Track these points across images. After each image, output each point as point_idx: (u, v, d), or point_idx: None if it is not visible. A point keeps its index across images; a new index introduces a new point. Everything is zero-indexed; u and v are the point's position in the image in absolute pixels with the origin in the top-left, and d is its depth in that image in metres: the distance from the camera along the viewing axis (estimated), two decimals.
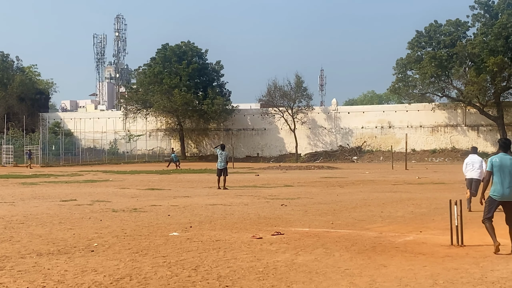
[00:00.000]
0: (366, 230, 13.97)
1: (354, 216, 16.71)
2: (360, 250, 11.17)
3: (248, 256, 10.56)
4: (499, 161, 10.94)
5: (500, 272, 9.22)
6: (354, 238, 12.62)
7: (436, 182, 32.05)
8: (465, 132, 75.40)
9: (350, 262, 10.03)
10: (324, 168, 54.56)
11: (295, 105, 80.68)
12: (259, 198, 22.35)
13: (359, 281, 8.67)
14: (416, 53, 72.97)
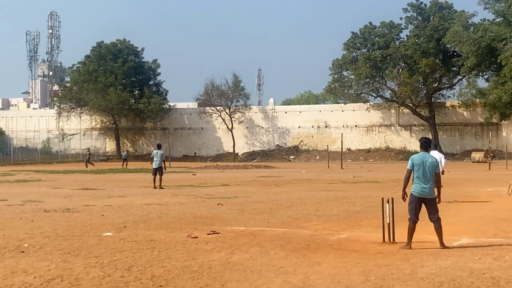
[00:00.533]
0: (301, 228, 14.05)
1: (289, 214, 16.78)
2: (295, 248, 11.24)
3: (183, 255, 10.53)
4: (420, 159, 11.28)
5: (429, 268, 9.41)
6: (289, 237, 12.69)
7: (370, 181, 32.43)
8: (399, 132, 76.79)
9: (285, 260, 10.10)
10: (261, 167, 54.72)
11: (232, 104, 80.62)
12: (195, 198, 22.27)
13: (293, 278, 8.74)
14: (351, 54, 73.87)
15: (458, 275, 8.90)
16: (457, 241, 11.98)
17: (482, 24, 62.29)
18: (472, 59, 58.36)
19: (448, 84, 73.15)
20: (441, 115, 73.34)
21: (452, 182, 29.18)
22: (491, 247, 11.20)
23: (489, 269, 9.26)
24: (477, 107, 68.31)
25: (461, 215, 16.45)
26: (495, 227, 13.88)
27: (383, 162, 67.62)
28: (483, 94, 58.60)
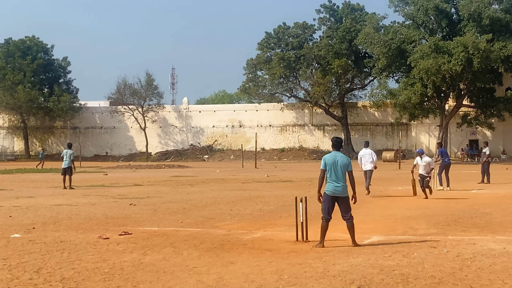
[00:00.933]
0: (215, 228, 14.05)
1: (203, 214, 16.73)
2: (209, 248, 11.25)
3: (94, 257, 10.34)
4: (331, 159, 11.43)
5: (341, 266, 9.53)
6: (203, 236, 12.67)
7: (284, 180, 32.62)
8: (312, 132, 77.79)
9: (198, 260, 10.09)
10: (175, 167, 54.38)
11: (145, 103, 79.89)
12: (107, 198, 21.89)
13: (207, 278, 8.75)
14: (265, 54, 74.25)
15: (369, 272, 9.02)
16: (368, 239, 12.19)
17: (392, 27, 63.66)
18: (383, 60, 59.49)
19: (360, 85, 74.65)
20: (353, 115, 74.72)
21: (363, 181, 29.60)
22: (400, 244, 11.45)
23: (399, 266, 9.45)
24: (387, 107, 69.71)
25: (372, 213, 16.77)
26: (404, 225, 14.21)
27: (297, 162, 68.32)
28: (394, 95, 59.85)
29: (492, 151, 64.75)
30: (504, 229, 13.41)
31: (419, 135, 72.12)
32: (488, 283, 8.35)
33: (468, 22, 56.74)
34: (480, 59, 52.69)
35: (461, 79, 57.69)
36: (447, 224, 14.24)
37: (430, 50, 54.56)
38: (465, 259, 10.01)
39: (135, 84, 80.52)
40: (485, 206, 18.21)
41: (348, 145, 71.35)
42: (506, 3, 57.07)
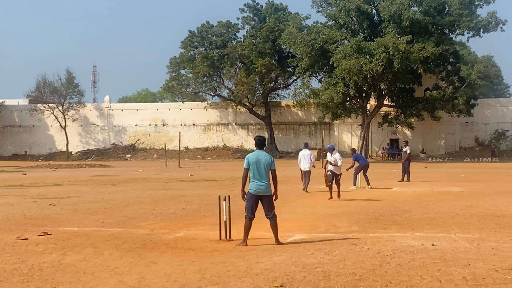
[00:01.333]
0: (137, 228, 13.95)
1: (125, 214, 16.58)
2: (131, 248, 11.18)
3: (12, 258, 10.13)
4: (255, 158, 11.46)
5: (264, 264, 9.59)
6: (124, 236, 12.56)
7: (208, 179, 32.60)
8: (236, 131, 77.92)
9: (120, 261, 10.02)
10: (97, 167, 53.51)
11: (66, 101, 78.40)
12: (26, 198, 21.34)
13: (129, 279, 8.68)
14: (189, 53, 73.88)
15: (291, 270, 9.10)
16: (291, 237, 12.29)
17: (315, 27, 64.37)
18: (306, 60, 59.98)
19: (284, 84, 75.14)
20: (277, 115, 75.26)
21: (287, 180, 29.94)
22: (322, 242, 11.59)
23: (321, 263, 9.55)
24: (310, 107, 70.55)
25: (295, 211, 16.89)
26: (326, 223, 14.38)
27: (221, 161, 68.34)
28: (316, 95, 60.43)
29: (412, 150, 66.84)
30: (423, 226, 13.71)
31: (342, 134, 73.23)
32: (407, 279, 8.52)
33: (389, 24, 57.95)
34: (400, 60, 53.91)
35: (382, 79, 58.88)
36: (368, 222, 14.49)
37: (352, 50, 55.45)
38: (385, 255, 10.19)
39: (55, 82, 79.06)
40: (405, 204, 18.62)
41: (272, 144, 71.83)
42: (425, 5, 58.48)
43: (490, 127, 72.79)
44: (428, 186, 26.85)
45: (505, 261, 9.62)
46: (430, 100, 59.54)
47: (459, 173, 37.95)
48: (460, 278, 8.56)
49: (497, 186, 26.05)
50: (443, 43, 57.11)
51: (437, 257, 10.06)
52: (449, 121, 69.25)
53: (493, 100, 78.48)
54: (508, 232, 12.62)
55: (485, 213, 15.95)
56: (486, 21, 58.18)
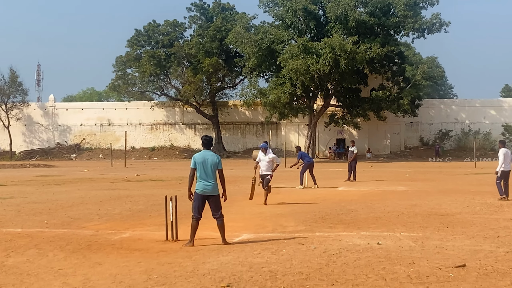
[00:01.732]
0: (82, 228, 13.84)
1: (70, 215, 16.38)
2: (75, 249, 11.09)
3: None
4: (201, 157, 11.45)
5: (211, 264, 9.62)
6: (69, 237, 12.44)
7: (154, 179, 32.43)
8: (183, 130, 77.65)
9: (64, 262, 9.95)
10: (41, 166, 52.72)
11: (9, 100, 76.85)
12: None
13: (73, 280, 8.64)
14: (135, 52, 73.20)
15: (238, 270, 9.15)
16: (238, 237, 12.34)
17: (262, 27, 64.49)
18: (253, 60, 60.03)
19: (231, 84, 75.16)
20: (224, 114, 75.31)
21: (234, 180, 29.97)
22: (269, 241, 11.67)
23: (268, 263, 9.61)
24: (258, 106, 70.73)
25: (242, 211, 16.97)
26: (273, 223, 14.45)
27: (168, 160, 68.00)
28: (264, 94, 60.47)
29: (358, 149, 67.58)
30: (368, 225, 13.90)
31: (289, 134, 73.58)
32: (353, 277, 8.62)
33: (335, 24, 58.38)
34: (347, 60, 54.34)
35: (329, 79, 59.30)
36: (314, 221, 14.60)
37: (299, 50, 55.68)
38: (331, 255, 10.30)
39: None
40: (351, 203, 18.81)
41: (219, 144, 71.82)
42: (371, 6, 59.21)
43: (434, 127, 74.31)
44: (374, 185, 27.16)
45: (448, 259, 9.81)
46: (376, 100, 60.25)
47: (404, 172, 38.52)
48: (405, 276, 8.68)
49: (440, 185, 26.54)
50: (388, 44, 57.86)
51: (382, 255, 10.19)
52: (395, 121, 70.31)
53: (437, 101, 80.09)
54: (451, 231, 12.89)
55: (429, 212, 16.25)
56: (430, 22, 59.16)
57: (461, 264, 9.46)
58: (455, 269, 9.11)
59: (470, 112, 74.42)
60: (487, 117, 73.81)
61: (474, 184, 27.26)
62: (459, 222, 14.21)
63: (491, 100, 77.78)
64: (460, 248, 10.89)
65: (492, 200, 19.32)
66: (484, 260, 9.83)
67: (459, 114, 74.72)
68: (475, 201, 19.06)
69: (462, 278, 8.61)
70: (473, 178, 32.61)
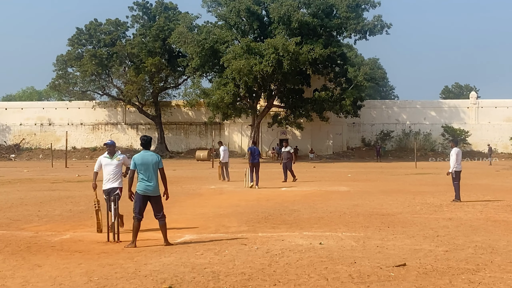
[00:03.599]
0: (22, 230, 13.70)
1: (9, 216, 16.18)
2: (14, 251, 10.96)
3: None
4: (141, 158, 11.42)
5: (153, 265, 9.61)
6: (8, 239, 12.31)
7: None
8: (125, 130, 77.05)
9: (3, 264, 9.85)
10: None
11: None
12: None
13: (12, 283, 8.54)
14: (76, 50, 72.30)
15: (180, 271, 9.16)
16: (181, 237, 12.34)
17: (205, 27, 64.48)
18: (196, 60, 60.01)
19: (174, 84, 74.93)
20: (167, 114, 75.02)
21: (177, 180, 29.94)
22: (212, 242, 11.71)
23: (210, 264, 9.66)
24: (201, 107, 70.74)
25: (185, 212, 16.96)
26: (216, 223, 14.49)
27: None
28: (207, 94, 60.48)
29: (301, 150, 68.25)
30: (311, 225, 14.03)
31: (232, 134, 73.73)
32: (295, 277, 8.70)
33: (279, 25, 58.89)
34: (290, 61, 54.78)
35: (272, 80, 59.70)
36: (257, 222, 14.69)
37: (242, 51, 55.94)
38: (274, 255, 10.37)
39: None
40: (294, 203, 18.95)
41: (162, 144, 71.62)
42: (314, 7, 59.88)
43: (376, 127, 75.44)
44: (317, 185, 27.34)
45: (389, 259, 9.97)
46: (319, 101, 60.79)
47: (346, 172, 38.99)
48: (347, 276, 8.79)
49: (382, 185, 26.93)
50: (331, 45, 58.64)
51: (324, 255, 10.30)
52: (337, 122, 71.13)
53: (378, 102, 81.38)
54: (392, 230, 13.11)
55: (370, 212, 16.48)
56: (372, 24, 60.26)
57: (402, 263, 9.59)
58: (395, 268, 9.24)
59: (411, 113, 75.84)
60: (428, 118, 75.36)
61: (414, 184, 27.72)
62: (399, 222, 14.44)
63: (431, 101, 79.54)
64: (401, 247, 11.05)
65: (432, 200, 19.65)
66: (424, 259, 10.00)
67: (400, 115, 76.10)
68: (415, 201, 19.35)
69: (402, 277, 8.73)
70: (413, 178, 33.17)
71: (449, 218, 15.17)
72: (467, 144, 71.83)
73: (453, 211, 16.67)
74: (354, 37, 62.73)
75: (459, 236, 12.41)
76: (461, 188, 19.91)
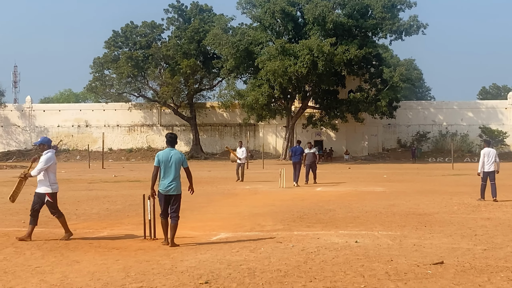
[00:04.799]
0: (60, 228, 13.50)
1: (47, 214, 15.90)
2: (53, 248, 11.11)
3: None
4: (165, 155, 11.35)
5: (189, 262, 9.68)
6: (47, 236, 12.49)
7: (132, 180, 32.46)
8: (161, 132, 77.51)
9: (42, 260, 9.94)
10: (18, 168, 52.44)
11: None
12: None
13: (51, 278, 8.64)
14: (113, 53, 72.99)
15: (216, 267, 9.23)
16: (217, 235, 12.40)
17: (240, 28, 64.56)
18: (231, 61, 60.10)
19: (209, 85, 75.05)
20: (202, 116, 75.24)
21: (212, 181, 30.05)
22: (248, 240, 11.77)
23: (246, 261, 9.70)
24: (236, 108, 70.87)
25: (220, 211, 17.04)
26: (252, 222, 14.54)
27: (145, 162, 67.78)
28: (241, 96, 60.66)
29: (336, 151, 68.07)
30: (346, 224, 14.02)
31: (267, 136, 73.77)
32: (331, 274, 8.73)
33: (313, 26, 58.69)
34: (324, 62, 54.52)
35: (307, 81, 59.59)
36: (292, 221, 14.67)
37: (277, 52, 55.89)
38: (309, 252, 10.37)
39: None
40: (329, 203, 18.89)
41: (197, 146, 71.91)
42: (349, 8, 59.61)
43: (412, 129, 74.86)
44: (352, 186, 27.30)
45: (426, 257, 9.94)
46: (354, 102, 60.57)
47: (381, 173, 38.77)
48: (383, 273, 8.79)
49: (418, 186, 26.72)
50: (366, 45, 58.28)
51: (360, 253, 10.28)
52: (372, 123, 70.70)
53: (414, 103, 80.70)
54: (429, 229, 13.05)
55: (407, 212, 16.40)
56: (408, 24, 59.67)
57: (439, 261, 9.56)
58: (433, 266, 9.21)
59: (448, 114, 75.13)
60: (465, 119, 74.56)
61: (451, 185, 27.44)
62: (437, 221, 14.36)
63: (468, 102, 78.65)
64: (438, 246, 11.01)
65: (470, 200, 19.54)
66: (462, 257, 9.97)
67: (437, 116, 75.41)
68: (452, 201, 19.22)
69: (440, 274, 8.72)
70: (450, 179, 32.88)
71: (487, 218, 15.09)
72: (505, 145, 70.86)
73: (491, 211, 16.59)
74: (389, 38, 62.25)
75: (497, 235, 12.35)
76: (499, 189, 19.82)
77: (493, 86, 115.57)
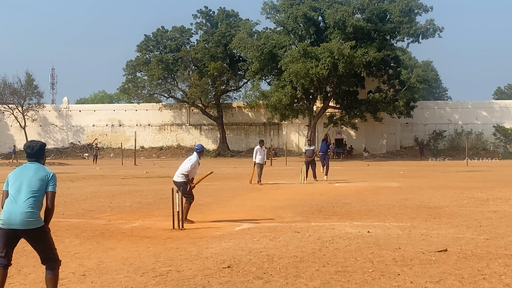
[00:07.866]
0: (96, 219, 14.64)
1: (84, 207, 17.26)
2: (89, 237, 11.82)
3: None
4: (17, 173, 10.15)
5: (214, 249, 10.37)
6: (84, 226, 13.21)
7: (162, 176, 33.26)
8: (189, 131, 78.96)
9: (80, 247, 10.66)
10: (56, 165, 53.15)
11: (25, 102, 78.08)
12: None
13: (88, 262, 9.37)
14: (144, 56, 74.56)
15: (238, 254, 9.91)
16: (239, 226, 13.14)
17: (264, 32, 65.93)
18: (256, 64, 61.33)
19: (235, 87, 76.30)
20: (229, 115, 76.56)
21: (237, 177, 31.15)
22: (268, 230, 12.46)
23: (265, 248, 10.39)
24: (260, 108, 71.94)
25: (244, 204, 17.85)
26: (273, 214, 15.25)
27: (175, 159, 68.02)
28: (266, 96, 61.65)
29: (356, 149, 69.12)
30: (361, 216, 14.64)
31: (290, 134, 75.00)
32: (343, 260, 9.35)
33: (334, 30, 59.48)
34: (345, 64, 55.39)
35: (328, 82, 60.46)
36: (311, 213, 15.32)
37: (299, 55, 56.85)
38: (324, 241, 11.00)
39: (15, 83, 78.58)
40: (346, 197, 19.41)
41: (224, 144, 73.14)
42: (368, 13, 60.37)
43: (428, 127, 75.49)
44: (369, 181, 27.72)
45: (432, 245, 10.47)
46: (373, 102, 61.34)
47: (398, 170, 38.96)
48: (391, 259, 9.36)
49: (432, 182, 26.96)
50: (384, 48, 59.01)
51: (371, 242, 10.86)
52: (391, 122, 71.54)
53: (431, 102, 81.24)
54: (438, 221, 13.58)
55: (418, 205, 16.87)
56: (425, 28, 60.36)
57: (443, 249, 10.09)
58: (437, 253, 9.74)
59: (463, 113, 75.60)
60: (479, 118, 75.02)
61: (464, 181, 27.51)
62: (445, 214, 14.79)
63: (482, 102, 78.87)
64: (444, 235, 11.49)
65: (480, 195, 19.86)
66: (465, 246, 10.45)
67: (453, 115, 75.90)
68: (463, 196, 19.58)
69: (443, 261, 9.22)
70: (464, 175, 32.93)
71: (493, 211, 15.42)
72: None
73: (498, 205, 16.93)
74: (407, 41, 63.08)
75: (501, 226, 12.74)
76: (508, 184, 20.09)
77: (508, 86, 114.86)
